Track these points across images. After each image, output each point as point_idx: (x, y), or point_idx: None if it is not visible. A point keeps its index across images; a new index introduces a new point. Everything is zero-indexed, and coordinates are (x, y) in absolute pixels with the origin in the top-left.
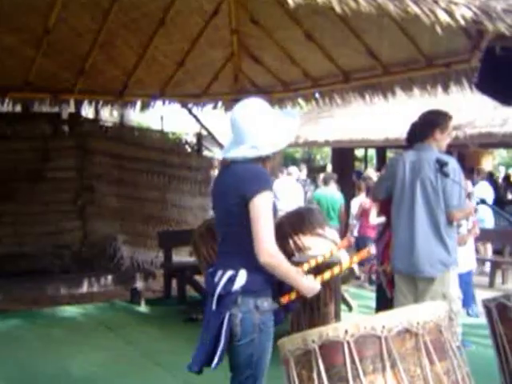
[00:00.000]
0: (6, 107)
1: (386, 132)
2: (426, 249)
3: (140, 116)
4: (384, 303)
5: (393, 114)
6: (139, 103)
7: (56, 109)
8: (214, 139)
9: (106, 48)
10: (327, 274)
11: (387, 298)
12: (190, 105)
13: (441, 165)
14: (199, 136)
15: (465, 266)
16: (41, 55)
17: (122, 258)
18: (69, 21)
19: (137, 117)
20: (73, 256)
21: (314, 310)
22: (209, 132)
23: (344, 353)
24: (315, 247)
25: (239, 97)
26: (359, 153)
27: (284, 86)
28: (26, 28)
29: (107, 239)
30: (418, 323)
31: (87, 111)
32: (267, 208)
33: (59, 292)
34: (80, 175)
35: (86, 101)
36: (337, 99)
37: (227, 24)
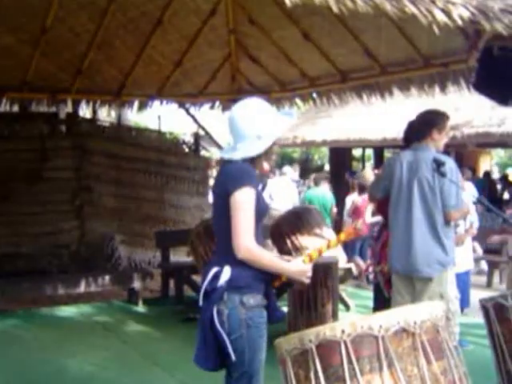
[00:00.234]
0: (4, 107)
1: (384, 132)
2: (424, 249)
3: (137, 116)
4: (381, 303)
5: (390, 114)
6: (137, 103)
7: (53, 109)
8: (212, 139)
9: (104, 48)
10: (315, 254)
11: (385, 298)
12: (188, 105)
13: (438, 164)
14: (197, 136)
15: (462, 266)
16: (38, 55)
17: (120, 258)
18: (66, 21)
19: (134, 117)
20: (70, 256)
21: (312, 310)
22: (206, 132)
23: (341, 352)
24: (313, 247)
25: (237, 97)
26: (357, 153)
27: (281, 86)
28: (24, 28)
29: (105, 239)
30: (415, 323)
31: (85, 111)
32: (246, 203)
33: (57, 292)
34: (77, 175)
35: (84, 101)
36: (334, 99)
37: (225, 24)
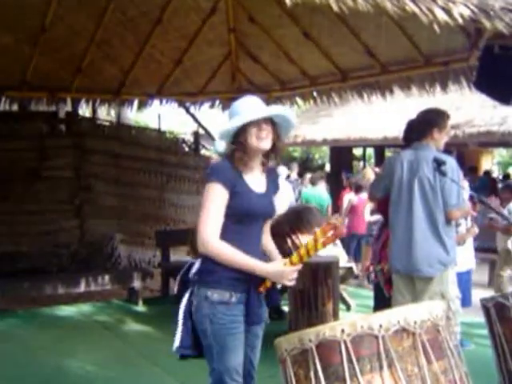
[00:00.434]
0: (3, 106)
1: (385, 131)
2: (425, 248)
3: (137, 115)
4: (382, 302)
5: (391, 113)
6: (136, 102)
7: (53, 108)
8: (212, 138)
9: (103, 46)
10: (295, 257)
11: (385, 297)
12: (188, 104)
13: (438, 164)
14: (197, 135)
15: (464, 265)
16: (38, 54)
17: (120, 257)
18: (65, 19)
19: (134, 116)
20: (70, 255)
21: (312, 309)
22: (206, 131)
23: (341, 352)
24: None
25: (237, 95)
26: (357, 152)
27: (282, 85)
28: (23, 26)
29: (105, 238)
30: (416, 322)
31: (84, 110)
32: (208, 198)
33: (57, 291)
34: (77, 174)
35: (83, 99)
36: (335, 98)
37: (225, 22)
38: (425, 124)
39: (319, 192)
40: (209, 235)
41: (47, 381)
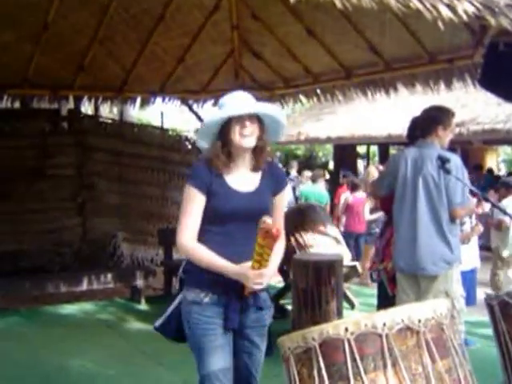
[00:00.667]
0: (5, 104)
1: (389, 128)
2: (429, 246)
3: (140, 113)
4: (385, 301)
5: (395, 111)
6: (139, 100)
7: (55, 105)
8: None
9: (106, 44)
10: (256, 264)
11: (388, 296)
12: (191, 101)
13: (443, 161)
14: None
15: (468, 264)
16: (39, 51)
17: (122, 256)
18: (68, 16)
19: (137, 113)
20: (73, 253)
21: (316, 308)
22: None
23: (345, 351)
24: (317, 244)
25: None
26: (361, 150)
27: (285, 83)
28: (25, 24)
29: (107, 236)
30: (420, 321)
31: (86, 108)
32: (184, 202)
33: (59, 290)
34: (79, 172)
35: (86, 97)
36: (338, 95)
37: (228, 20)
38: (429, 121)
39: (319, 189)
40: (184, 238)
41: (49, 380)
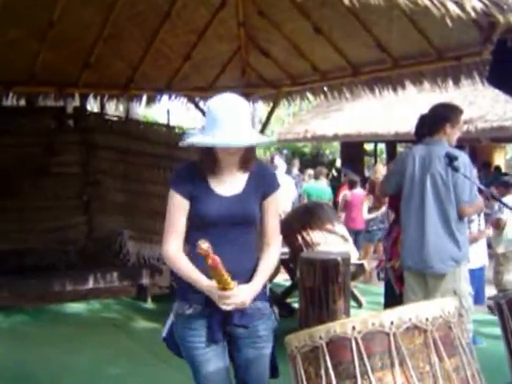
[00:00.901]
0: (11, 101)
1: (396, 126)
2: (437, 244)
3: (146, 110)
4: (392, 299)
5: (403, 108)
6: (145, 97)
7: (61, 103)
8: None
9: (112, 41)
10: (219, 285)
11: (395, 295)
12: (197, 99)
13: (451, 159)
14: None
15: (477, 262)
16: (45, 49)
17: (128, 254)
18: (73, 14)
19: (143, 111)
20: (78, 252)
21: (323, 307)
22: None
23: (352, 349)
24: (324, 242)
25: (247, 90)
26: (369, 147)
27: (292, 80)
28: (30, 21)
29: (113, 235)
30: (427, 319)
31: (92, 105)
32: (167, 207)
33: (64, 288)
34: (85, 170)
35: (92, 95)
36: (346, 93)
37: (234, 17)
38: (437, 119)
39: (321, 187)
40: (166, 247)
41: (55, 378)
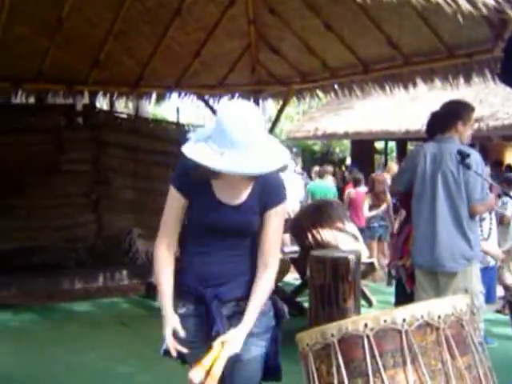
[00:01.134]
0: (20, 99)
1: (407, 124)
2: (448, 243)
3: (155, 108)
4: (403, 298)
5: (414, 106)
6: (154, 95)
7: (70, 100)
8: None
9: (121, 38)
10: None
11: (406, 293)
12: (207, 96)
13: (462, 156)
14: None
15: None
16: (54, 46)
17: (138, 252)
18: (83, 10)
19: (152, 109)
20: (87, 250)
21: (333, 306)
22: None
23: (364, 347)
24: (335, 241)
25: (256, 88)
26: (379, 145)
27: (302, 77)
28: (40, 18)
29: (122, 233)
30: (440, 317)
31: (102, 103)
32: (166, 202)
33: (73, 286)
34: (94, 168)
35: (101, 92)
36: (356, 90)
37: (244, 14)
38: (448, 116)
39: (325, 185)
40: (156, 245)
41: (64, 377)
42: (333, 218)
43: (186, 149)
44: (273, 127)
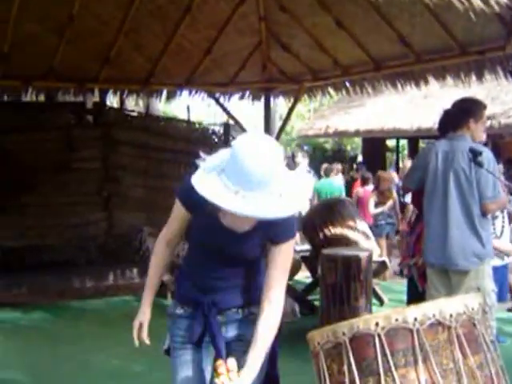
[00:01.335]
0: (30, 97)
1: (419, 122)
2: (460, 241)
3: (166, 106)
4: (415, 297)
5: (425, 104)
6: (165, 92)
7: (80, 98)
8: (242, 129)
9: (132, 36)
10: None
11: (418, 292)
12: (217, 94)
13: (474, 154)
14: (227, 126)
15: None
16: (65, 44)
17: (148, 250)
18: (93, 8)
19: (163, 107)
20: (98, 248)
21: (345, 305)
22: (236, 122)
23: (375, 346)
24: (346, 240)
25: (267, 85)
26: (391, 143)
27: (313, 75)
28: (50, 16)
29: (133, 231)
30: (451, 316)
31: (112, 100)
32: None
33: (84, 284)
34: (105, 166)
35: (111, 90)
36: (368, 88)
37: (255, 11)
38: (461, 114)
39: (331, 183)
40: (158, 239)
41: (74, 376)
42: (344, 217)
43: (197, 181)
44: (284, 125)
